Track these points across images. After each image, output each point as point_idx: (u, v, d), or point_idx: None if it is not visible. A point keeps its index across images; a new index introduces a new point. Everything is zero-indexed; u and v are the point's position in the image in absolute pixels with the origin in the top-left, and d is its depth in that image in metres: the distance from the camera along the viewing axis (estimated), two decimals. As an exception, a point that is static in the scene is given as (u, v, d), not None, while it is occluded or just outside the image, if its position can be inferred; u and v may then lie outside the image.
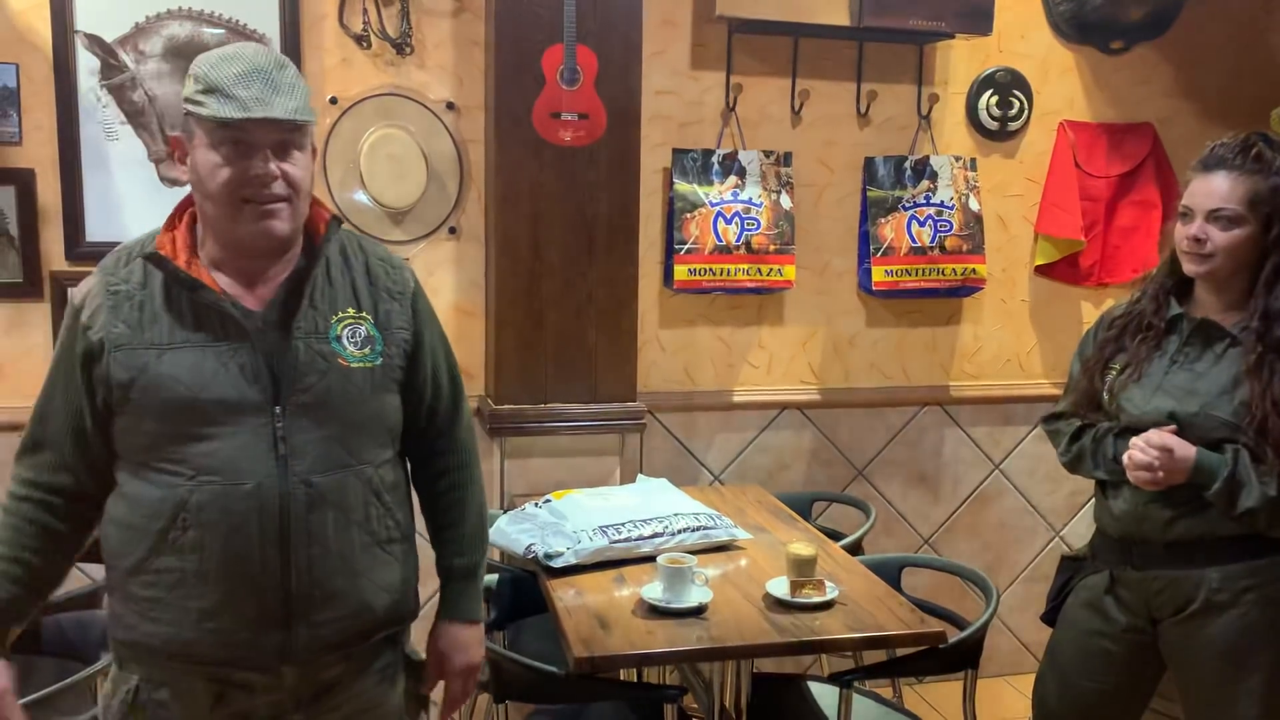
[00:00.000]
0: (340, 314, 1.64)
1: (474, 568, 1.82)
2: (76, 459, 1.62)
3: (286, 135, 1.55)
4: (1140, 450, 2.03)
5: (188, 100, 1.55)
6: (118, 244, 2.79)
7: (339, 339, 1.62)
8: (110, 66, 2.83)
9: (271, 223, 1.56)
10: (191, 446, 1.55)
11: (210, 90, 1.51)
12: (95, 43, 2.81)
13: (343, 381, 1.61)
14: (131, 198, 2.88)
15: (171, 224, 1.63)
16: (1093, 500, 2.29)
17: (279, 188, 1.55)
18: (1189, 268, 2.10)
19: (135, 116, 2.86)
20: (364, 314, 1.65)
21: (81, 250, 2.86)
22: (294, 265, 1.64)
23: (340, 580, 1.61)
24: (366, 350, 1.64)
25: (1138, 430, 2.08)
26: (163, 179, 2.90)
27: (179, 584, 1.56)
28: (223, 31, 2.88)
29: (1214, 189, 2.05)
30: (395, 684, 1.75)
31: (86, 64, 2.81)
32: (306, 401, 1.58)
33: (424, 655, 1.83)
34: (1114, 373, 2.18)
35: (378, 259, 1.72)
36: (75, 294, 1.63)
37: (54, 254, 2.86)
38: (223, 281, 1.60)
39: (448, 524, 1.81)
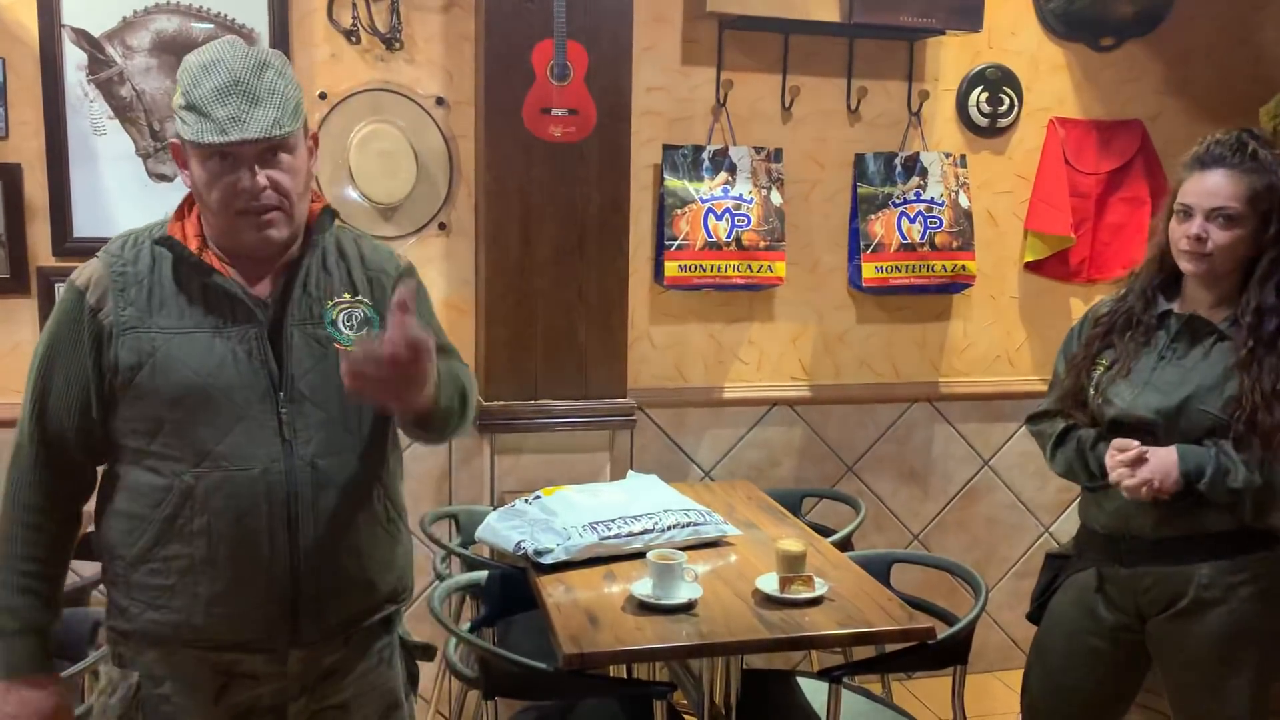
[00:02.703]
0: (335, 300, 1.67)
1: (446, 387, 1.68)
2: (77, 443, 1.61)
3: (271, 143, 1.56)
4: (1118, 459, 2.04)
5: (175, 112, 1.58)
6: (105, 239, 2.82)
7: (334, 323, 1.66)
8: (98, 61, 2.81)
9: (267, 231, 1.59)
10: (198, 431, 1.56)
11: (190, 108, 1.54)
12: (82, 37, 2.79)
13: (339, 366, 1.62)
14: (119, 193, 2.87)
15: (181, 213, 1.65)
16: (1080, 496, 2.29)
17: (269, 198, 1.57)
18: (1187, 266, 2.09)
19: (123, 111, 2.85)
20: (360, 297, 1.69)
21: (68, 246, 2.84)
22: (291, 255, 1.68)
23: (346, 559, 1.64)
24: (364, 332, 1.66)
25: (1124, 425, 2.09)
26: (150, 174, 2.88)
27: (188, 570, 1.57)
28: (211, 26, 2.86)
29: (1214, 187, 2.04)
30: (393, 665, 1.79)
31: (74, 58, 2.79)
32: (308, 386, 1.62)
33: (416, 638, 1.86)
34: (1101, 369, 2.18)
35: (371, 245, 1.78)
36: (77, 278, 1.62)
37: (41, 250, 2.84)
38: (230, 271, 1.63)
39: None
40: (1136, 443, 2.04)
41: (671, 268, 3.14)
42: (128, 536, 1.60)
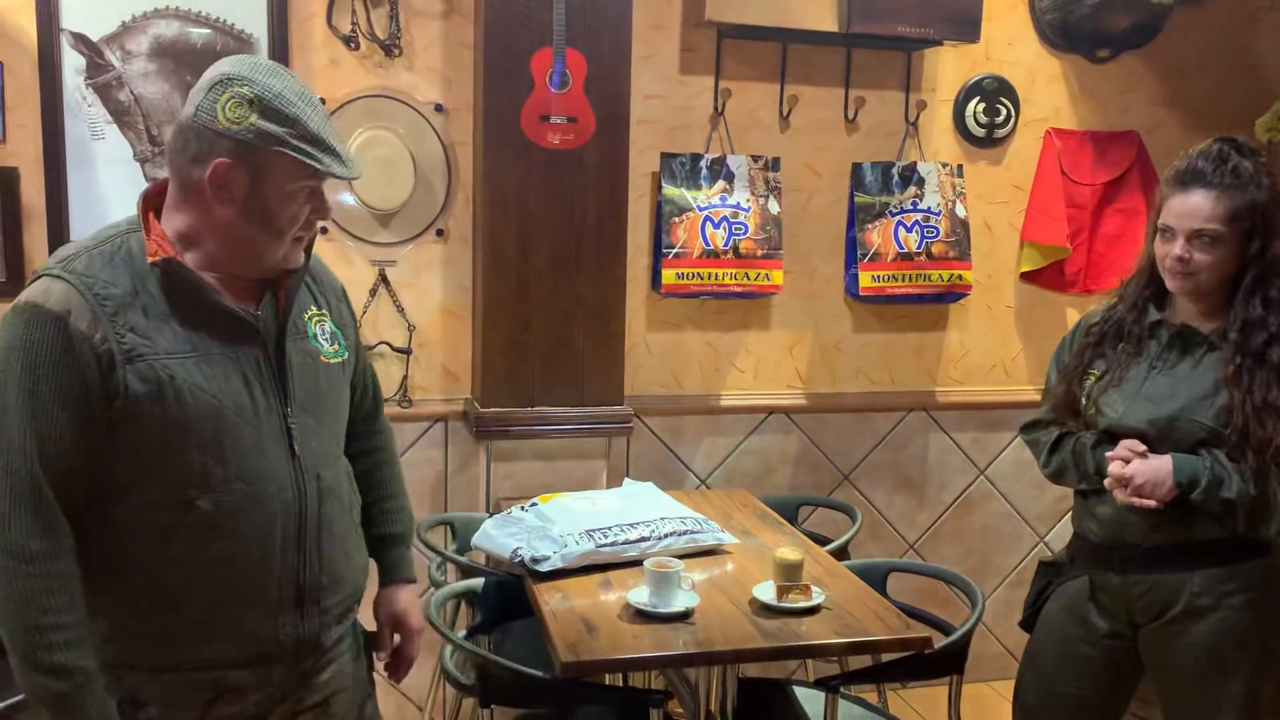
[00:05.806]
0: (308, 313, 1.69)
1: (410, 533, 1.96)
2: (82, 478, 1.48)
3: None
4: (1118, 470, 2.05)
5: (274, 138, 1.50)
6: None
7: (315, 337, 1.68)
8: (96, 65, 2.81)
9: (299, 254, 1.63)
10: (214, 455, 1.51)
11: (311, 139, 1.52)
12: (81, 41, 2.79)
13: (327, 377, 1.68)
14: (116, 197, 2.86)
15: (147, 227, 1.55)
16: (1076, 505, 2.30)
17: (317, 227, 1.64)
18: (1173, 285, 2.10)
19: (121, 115, 2.84)
20: (324, 312, 1.72)
21: (65, 250, 2.84)
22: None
23: (340, 564, 1.68)
24: (336, 346, 1.71)
25: (1116, 435, 2.09)
26: (148, 179, 2.88)
27: (199, 592, 1.53)
28: (210, 31, 2.86)
29: (1194, 208, 2.04)
30: (357, 658, 1.81)
31: (72, 62, 2.79)
32: (305, 400, 1.63)
33: (368, 627, 1.88)
34: (1093, 378, 2.19)
35: (314, 261, 1.75)
36: (45, 301, 1.47)
37: (37, 254, 2.83)
38: (219, 288, 1.58)
39: (386, 496, 1.90)
40: (1144, 447, 2.05)
41: (669, 275, 3.14)
42: (130, 563, 1.52)
